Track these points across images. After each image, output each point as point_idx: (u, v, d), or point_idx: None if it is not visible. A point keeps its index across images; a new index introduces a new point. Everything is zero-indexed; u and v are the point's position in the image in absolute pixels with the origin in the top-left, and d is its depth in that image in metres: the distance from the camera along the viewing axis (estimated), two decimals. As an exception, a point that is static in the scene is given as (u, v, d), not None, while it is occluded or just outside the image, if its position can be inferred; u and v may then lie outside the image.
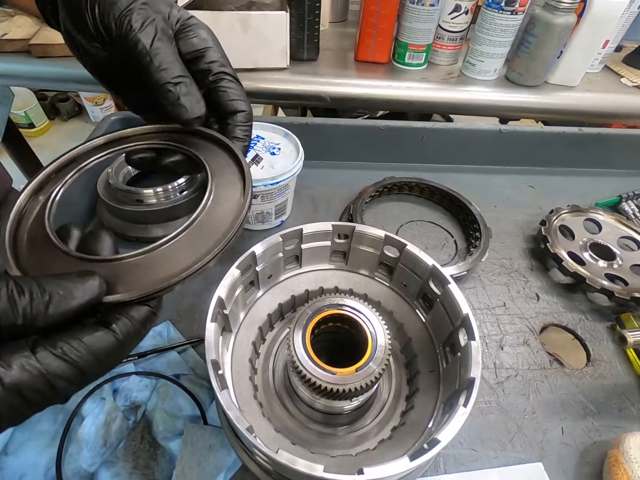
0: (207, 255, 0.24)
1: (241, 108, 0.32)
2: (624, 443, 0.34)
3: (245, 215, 0.27)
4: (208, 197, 0.29)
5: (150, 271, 0.24)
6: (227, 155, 0.32)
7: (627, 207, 0.64)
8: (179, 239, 0.26)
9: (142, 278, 0.24)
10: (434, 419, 0.33)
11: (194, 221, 0.27)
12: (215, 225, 0.27)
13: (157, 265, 0.24)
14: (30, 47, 0.73)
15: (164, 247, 0.25)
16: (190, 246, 0.25)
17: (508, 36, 0.75)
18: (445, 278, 0.35)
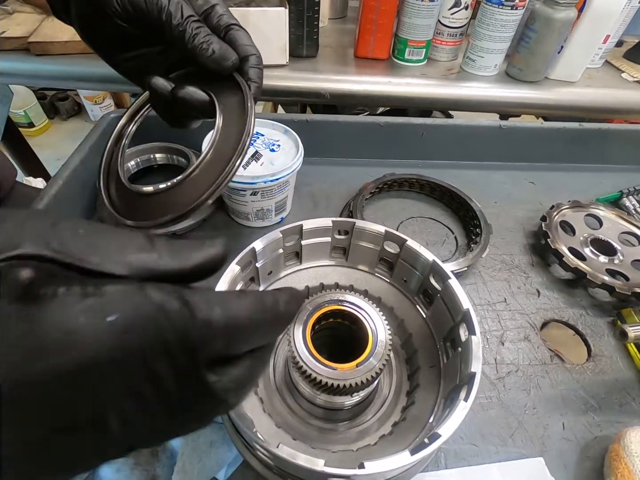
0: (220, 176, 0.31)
1: (252, 52, 0.36)
2: (625, 437, 0.34)
3: (244, 150, 0.32)
4: (218, 126, 0.34)
5: (191, 191, 0.32)
6: (241, 95, 0.35)
7: (628, 203, 0.64)
8: (197, 171, 0.33)
9: (187, 196, 0.31)
10: (435, 414, 0.33)
11: (207, 153, 0.33)
12: (223, 155, 0.33)
13: (189, 190, 0.32)
14: (29, 45, 0.72)
15: (189, 178, 0.32)
16: (207, 173, 0.32)
17: (508, 31, 0.75)
18: (446, 273, 0.35)
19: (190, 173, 0.32)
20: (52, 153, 1.91)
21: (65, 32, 0.75)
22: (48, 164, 1.46)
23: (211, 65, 0.34)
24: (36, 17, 0.79)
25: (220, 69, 0.34)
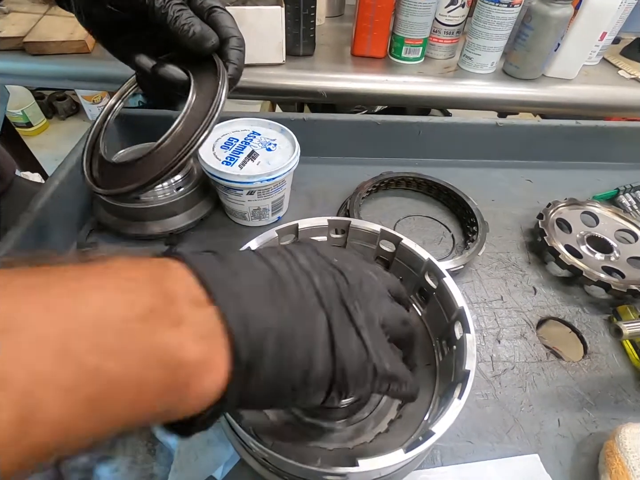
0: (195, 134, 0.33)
1: (234, 34, 0.37)
2: (620, 434, 0.34)
3: (214, 114, 0.34)
4: (190, 101, 0.35)
5: (158, 161, 0.34)
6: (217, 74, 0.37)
7: (625, 200, 0.64)
8: (167, 142, 0.34)
9: (155, 167, 0.33)
10: (430, 411, 0.33)
11: (177, 126, 0.35)
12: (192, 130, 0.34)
13: (157, 161, 0.34)
14: (25, 44, 0.72)
15: (157, 150, 0.34)
16: (175, 146, 0.34)
17: (505, 29, 0.74)
18: (441, 271, 0.35)
19: (159, 145, 0.34)
20: (50, 153, 1.91)
21: (61, 32, 0.74)
22: (46, 163, 1.46)
23: (192, 47, 0.35)
24: (32, 16, 0.78)
25: (200, 50, 0.35)
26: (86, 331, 0.14)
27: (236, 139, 0.53)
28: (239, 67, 0.38)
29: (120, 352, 0.14)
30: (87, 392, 0.13)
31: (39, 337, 0.13)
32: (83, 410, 0.13)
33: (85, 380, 0.13)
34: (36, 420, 0.12)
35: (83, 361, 0.13)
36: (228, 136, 0.53)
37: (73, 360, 0.13)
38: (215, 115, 0.34)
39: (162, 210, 0.52)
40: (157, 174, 0.33)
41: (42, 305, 0.13)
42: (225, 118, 0.55)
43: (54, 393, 0.12)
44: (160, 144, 0.34)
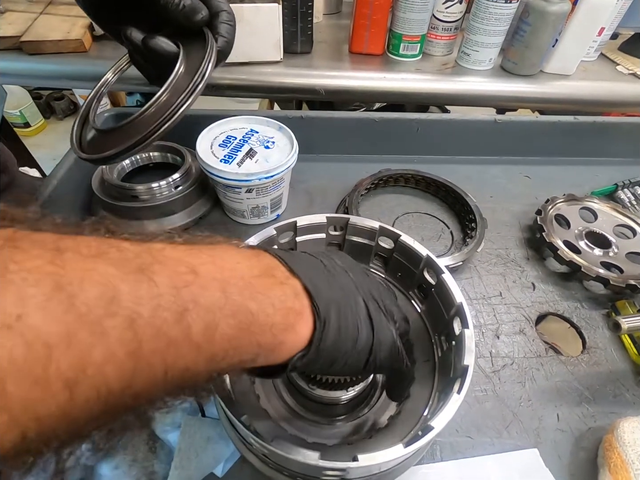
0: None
1: (224, 8, 0.38)
2: (618, 428, 0.35)
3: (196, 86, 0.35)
4: (177, 70, 0.36)
5: (141, 128, 0.35)
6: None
7: (623, 195, 0.64)
8: (152, 109, 0.35)
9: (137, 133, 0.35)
10: (430, 407, 0.33)
11: (162, 94, 0.35)
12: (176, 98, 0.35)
13: (140, 127, 0.35)
14: (21, 44, 0.72)
15: (142, 117, 0.35)
16: (159, 113, 0.35)
17: (502, 25, 0.74)
18: (440, 268, 0.35)
19: (143, 112, 0.35)
20: (48, 153, 1.90)
21: (57, 31, 0.74)
22: (44, 163, 1.46)
23: (182, 20, 0.36)
24: (28, 15, 0.78)
25: (190, 22, 0.36)
26: (233, 280, 0.19)
27: (234, 137, 0.53)
28: (229, 41, 0.38)
29: (255, 297, 0.19)
30: (239, 320, 0.18)
31: (212, 279, 0.18)
32: (233, 333, 0.18)
33: (236, 311, 0.18)
34: (215, 334, 0.17)
35: (235, 299, 0.18)
36: (226, 134, 0.53)
37: (229, 298, 0.18)
38: (199, 85, 0.35)
39: (160, 208, 0.52)
40: (136, 140, 0.34)
41: (208, 261, 0.19)
42: (223, 116, 0.55)
43: (223, 316, 0.18)
44: (144, 111, 0.35)
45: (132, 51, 0.42)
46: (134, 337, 0.14)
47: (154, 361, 0.15)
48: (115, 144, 0.35)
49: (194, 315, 0.16)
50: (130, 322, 0.14)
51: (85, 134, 0.42)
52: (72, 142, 0.40)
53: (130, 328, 0.14)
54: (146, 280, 0.15)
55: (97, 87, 0.45)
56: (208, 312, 0.17)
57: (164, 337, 0.15)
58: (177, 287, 0.16)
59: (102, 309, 0.13)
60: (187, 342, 0.16)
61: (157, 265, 0.16)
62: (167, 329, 0.15)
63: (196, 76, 0.35)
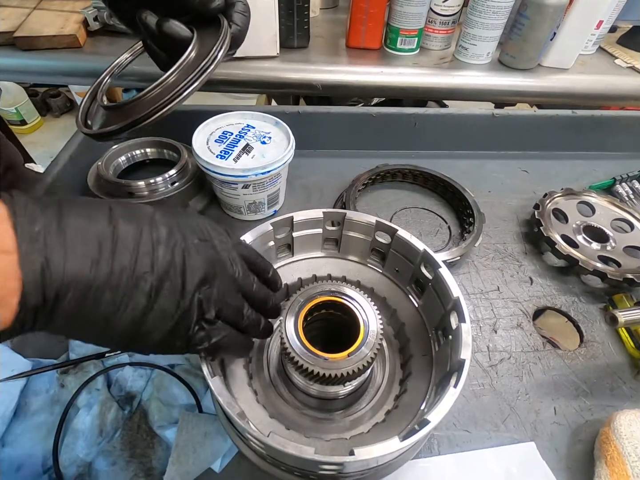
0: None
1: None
2: (615, 421, 0.35)
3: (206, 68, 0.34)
4: (188, 53, 0.36)
5: (146, 106, 0.34)
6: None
7: (621, 190, 0.64)
8: (158, 89, 0.35)
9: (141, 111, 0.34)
10: (427, 401, 0.33)
11: (170, 75, 0.35)
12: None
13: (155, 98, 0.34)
14: (15, 39, 0.71)
15: (147, 95, 0.35)
16: (165, 93, 0.34)
17: (500, 18, 0.74)
18: (437, 262, 0.35)
19: (149, 91, 0.35)
20: (45, 151, 1.90)
21: (51, 27, 0.73)
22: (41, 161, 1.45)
23: (197, 6, 0.36)
24: (22, 11, 0.77)
25: (204, 9, 0.37)
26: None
27: (230, 133, 0.52)
28: (242, 30, 0.39)
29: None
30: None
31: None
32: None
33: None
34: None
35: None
36: (222, 129, 0.53)
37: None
38: (209, 67, 0.34)
39: (156, 205, 0.52)
40: (139, 117, 0.34)
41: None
42: (219, 111, 0.55)
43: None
44: (151, 90, 0.35)
45: (147, 37, 0.42)
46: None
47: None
48: (119, 120, 0.35)
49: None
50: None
51: (92, 111, 0.42)
52: (77, 118, 0.40)
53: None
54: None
55: (110, 67, 0.45)
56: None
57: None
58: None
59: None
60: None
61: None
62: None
63: (207, 58, 0.34)
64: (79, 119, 0.40)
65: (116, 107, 0.38)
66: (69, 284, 0.20)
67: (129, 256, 0.22)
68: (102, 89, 0.43)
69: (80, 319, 0.21)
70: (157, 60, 0.43)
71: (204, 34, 0.37)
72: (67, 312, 0.20)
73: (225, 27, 0.36)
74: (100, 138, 0.37)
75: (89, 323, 0.22)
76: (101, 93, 0.42)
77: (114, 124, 0.35)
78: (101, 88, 0.43)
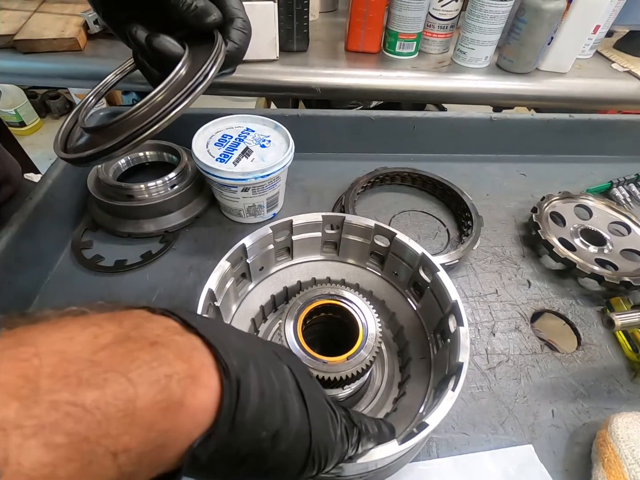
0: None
1: (240, 15, 0.36)
2: (612, 423, 0.35)
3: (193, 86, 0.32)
4: (177, 70, 0.34)
5: (132, 126, 0.31)
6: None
7: (618, 193, 0.64)
8: (145, 108, 0.33)
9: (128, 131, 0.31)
10: (425, 404, 0.33)
11: (158, 93, 0.33)
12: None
13: (140, 118, 0.32)
14: (15, 42, 0.71)
15: (134, 115, 0.32)
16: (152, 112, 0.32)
17: (498, 23, 0.74)
18: (435, 266, 0.36)
19: (134, 111, 0.32)
20: (44, 152, 1.89)
21: (51, 30, 0.74)
22: (40, 163, 1.45)
23: (192, 21, 0.34)
24: (22, 14, 0.77)
25: (200, 24, 0.34)
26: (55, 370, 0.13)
27: (230, 136, 0.53)
28: (240, 48, 0.37)
29: (96, 380, 0.13)
30: (66, 432, 0.12)
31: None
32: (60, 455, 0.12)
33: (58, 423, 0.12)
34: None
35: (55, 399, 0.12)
36: (222, 133, 0.53)
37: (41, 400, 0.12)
38: (200, 85, 0.32)
39: (156, 208, 0.52)
40: (121, 140, 0.31)
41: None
42: (219, 115, 0.55)
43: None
44: (136, 110, 0.32)
45: (137, 52, 0.40)
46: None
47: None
48: (99, 143, 0.32)
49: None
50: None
51: (73, 133, 0.39)
52: (55, 141, 0.37)
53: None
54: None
55: (96, 88, 0.43)
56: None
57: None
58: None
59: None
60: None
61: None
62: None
63: (197, 76, 0.32)
64: (57, 140, 0.37)
65: (98, 130, 0.35)
66: (248, 359, 0.18)
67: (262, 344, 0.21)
68: (85, 108, 0.40)
69: (263, 412, 0.18)
70: (148, 76, 0.41)
71: (198, 51, 0.35)
72: (252, 398, 0.17)
73: (219, 43, 0.34)
74: (76, 163, 0.34)
75: (270, 413, 0.18)
76: (84, 114, 0.40)
77: (94, 148, 0.32)
78: (84, 109, 0.40)
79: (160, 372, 0.15)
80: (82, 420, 0.12)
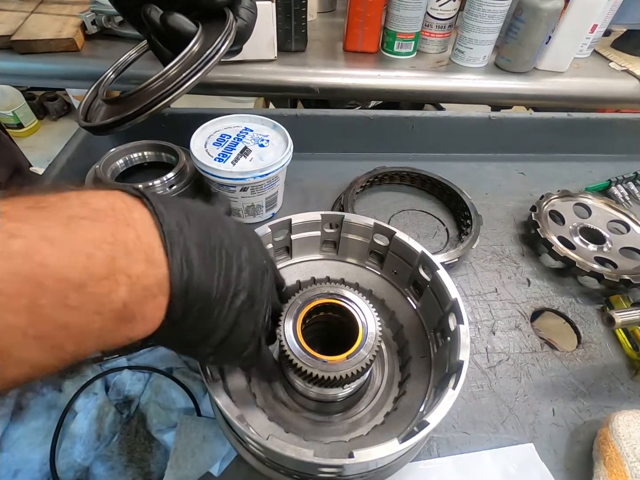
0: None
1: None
2: (613, 421, 0.35)
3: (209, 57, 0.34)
4: (191, 46, 0.35)
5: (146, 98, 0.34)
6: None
7: (617, 191, 0.64)
8: (159, 82, 0.35)
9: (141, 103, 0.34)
10: (426, 403, 0.33)
11: (171, 68, 0.35)
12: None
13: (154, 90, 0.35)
14: (12, 43, 0.71)
15: (147, 88, 0.35)
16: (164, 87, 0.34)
17: (496, 22, 0.74)
18: (435, 264, 0.35)
19: (149, 83, 0.35)
20: (42, 154, 1.89)
21: (49, 30, 0.73)
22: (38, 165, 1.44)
23: (204, 0, 0.36)
24: (19, 14, 0.77)
25: (210, 3, 0.36)
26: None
27: (229, 136, 0.53)
28: (249, 25, 0.39)
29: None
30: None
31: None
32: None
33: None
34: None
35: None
36: (220, 132, 0.53)
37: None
38: (212, 59, 0.34)
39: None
40: (137, 109, 0.34)
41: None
42: (217, 114, 0.55)
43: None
44: (152, 82, 0.34)
45: (151, 32, 0.42)
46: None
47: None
48: (120, 112, 0.35)
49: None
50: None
51: (94, 106, 0.42)
52: (78, 111, 0.40)
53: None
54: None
55: (116, 63, 0.45)
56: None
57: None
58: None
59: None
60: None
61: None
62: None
63: (210, 50, 0.34)
64: (79, 112, 0.40)
65: (117, 100, 0.38)
66: (197, 299, 0.20)
67: (235, 272, 0.22)
68: (104, 84, 0.43)
69: (190, 333, 0.21)
70: (161, 57, 0.43)
71: (210, 29, 0.37)
72: (186, 326, 0.20)
73: (230, 20, 0.36)
74: (95, 131, 0.37)
75: (194, 336, 0.22)
76: (103, 88, 0.42)
77: (115, 116, 0.35)
78: (104, 83, 0.43)
79: (115, 307, 0.17)
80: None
